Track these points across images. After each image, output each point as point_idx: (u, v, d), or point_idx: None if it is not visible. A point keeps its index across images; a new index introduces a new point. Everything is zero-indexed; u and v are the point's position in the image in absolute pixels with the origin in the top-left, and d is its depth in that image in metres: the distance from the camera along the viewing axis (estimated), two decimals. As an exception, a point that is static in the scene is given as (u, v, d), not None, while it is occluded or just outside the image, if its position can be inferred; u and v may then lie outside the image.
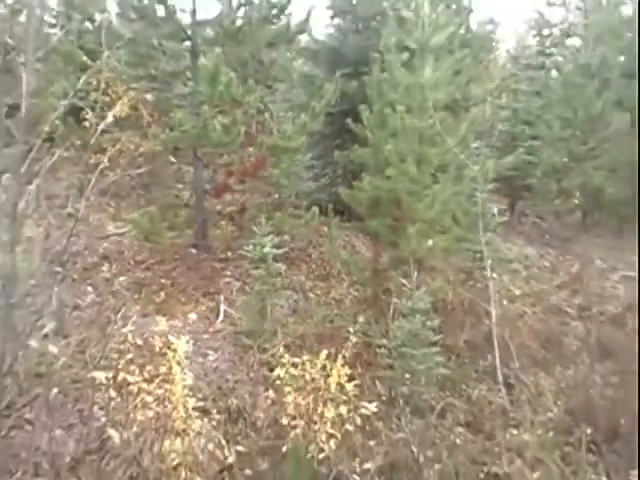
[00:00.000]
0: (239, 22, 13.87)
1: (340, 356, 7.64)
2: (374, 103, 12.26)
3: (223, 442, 6.97)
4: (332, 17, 18.25)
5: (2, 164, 5.54)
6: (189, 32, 13.61)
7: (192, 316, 9.53)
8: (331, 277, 13.72)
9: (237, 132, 12.45)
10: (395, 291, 11.07)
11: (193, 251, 13.78)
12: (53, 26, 19.12)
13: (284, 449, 7.79)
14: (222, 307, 11.77)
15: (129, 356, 6.42)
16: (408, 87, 11.86)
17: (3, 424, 5.83)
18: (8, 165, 5.60)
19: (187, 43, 13.93)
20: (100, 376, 5.92)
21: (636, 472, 8.86)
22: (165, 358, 6.62)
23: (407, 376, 9.94)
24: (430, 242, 11.16)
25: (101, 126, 6.52)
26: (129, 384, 6.36)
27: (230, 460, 7.10)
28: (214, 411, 8.05)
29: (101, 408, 7.09)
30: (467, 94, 13.95)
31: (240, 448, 7.13)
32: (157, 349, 6.69)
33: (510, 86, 21.47)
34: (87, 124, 13.63)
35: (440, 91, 12.04)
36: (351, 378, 7.71)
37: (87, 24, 18.78)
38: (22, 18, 6.82)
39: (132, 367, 6.39)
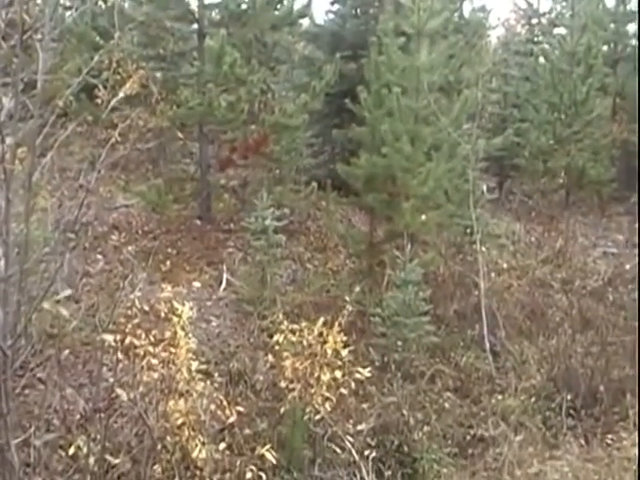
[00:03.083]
0: (244, 5, 13.82)
1: (336, 324, 7.62)
2: (371, 84, 12.21)
3: (224, 403, 6.95)
4: (332, 2, 18.16)
5: (18, 137, 5.48)
6: (196, 14, 13.56)
7: (196, 284, 9.54)
8: (328, 249, 13.70)
9: (241, 110, 12.45)
10: (389, 263, 11.06)
11: (198, 222, 13.78)
12: (68, 8, 19.01)
13: (282, 410, 7.81)
14: (225, 276, 11.77)
15: (136, 321, 6.40)
16: (404, 69, 11.83)
17: (17, 383, 5.80)
18: (24, 138, 5.54)
19: (194, 25, 13.90)
20: (109, 339, 5.91)
21: (611, 436, 8.93)
22: (170, 323, 6.62)
23: (399, 343, 9.96)
24: (423, 217, 11.14)
25: (112, 103, 6.46)
26: (136, 347, 6.35)
27: (231, 420, 7.08)
28: (216, 374, 8.05)
29: (109, 369, 7.09)
30: (460, 77, 13.85)
31: (240, 409, 7.10)
32: (163, 315, 6.68)
33: (500, 71, 21.32)
34: (99, 101, 13.60)
35: (435, 74, 12.02)
36: (346, 345, 7.70)
37: (100, 5, 18.63)
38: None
39: (139, 331, 6.38)
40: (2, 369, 5.41)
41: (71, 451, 6.26)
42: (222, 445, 6.86)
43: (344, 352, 7.63)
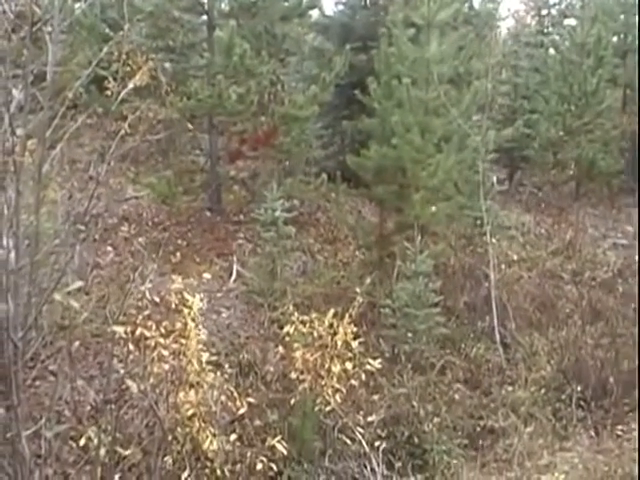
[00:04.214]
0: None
1: (347, 315, 7.59)
2: (381, 75, 12.15)
3: (235, 394, 6.94)
4: (343, -7, 18.14)
5: (28, 129, 5.46)
6: (206, 6, 13.53)
7: (206, 275, 9.51)
8: (338, 241, 13.68)
9: (250, 101, 12.42)
10: (399, 255, 11.00)
11: (208, 214, 13.77)
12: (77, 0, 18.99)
13: (292, 402, 7.80)
14: (235, 267, 11.76)
15: (147, 312, 6.39)
16: (414, 61, 11.77)
17: (28, 375, 5.80)
18: (34, 130, 5.53)
19: (204, 17, 13.88)
20: (120, 330, 5.88)
21: (621, 427, 8.91)
22: (181, 315, 6.60)
23: (409, 335, 9.95)
24: (433, 208, 11.10)
25: (122, 94, 6.43)
26: (146, 338, 6.33)
27: (241, 411, 7.07)
28: (226, 365, 8.03)
29: (120, 361, 7.07)
30: (470, 68, 13.80)
31: (251, 400, 7.09)
32: (173, 306, 6.66)
33: (510, 62, 21.27)
34: (109, 93, 13.59)
35: (445, 65, 11.96)
36: (356, 336, 7.68)
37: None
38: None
39: (149, 322, 6.37)
40: (13, 361, 5.40)
41: (82, 442, 6.26)
42: (233, 436, 6.86)
43: (354, 343, 7.60)
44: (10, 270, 5.27)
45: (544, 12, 24.39)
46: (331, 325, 7.54)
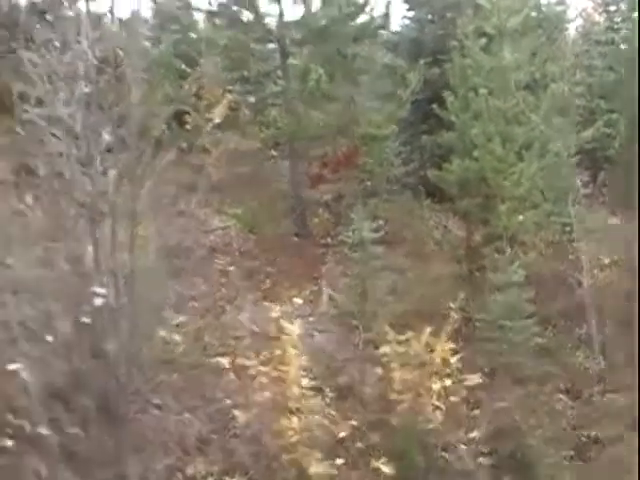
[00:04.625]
0: (323, 21, 13.87)
1: (443, 332, 7.56)
2: (457, 88, 12.19)
3: (336, 418, 6.96)
4: (409, 9, 18.19)
5: (119, 169, 5.58)
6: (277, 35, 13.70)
7: (297, 300, 9.56)
8: (426, 257, 13.61)
9: (329, 124, 12.50)
10: (489, 267, 10.93)
11: (294, 239, 13.85)
12: (149, 38, 19.36)
13: (393, 422, 7.78)
14: (325, 291, 11.80)
15: (245, 341, 6.47)
16: (490, 70, 11.77)
17: (131, 409, 5.89)
18: (124, 169, 5.64)
19: (271, 45, 14.06)
20: (223, 361, 5.97)
21: None
22: (278, 341, 6.65)
23: (505, 347, 9.86)
24: (521, 217, 11.03)
25: (208, 128, 6.54)
26: (246, 367, 6.41)
27: (342, 435, 7.08)
28: (325, 389, 8.05)
29: (221, 391, 7.15)
30: (545, 72, 13.72)
31: (353, 423, 7.10)
32: (270, 334, 6.72)
33: (583, 62, 21.04)
34: (189, 127, 13.80)
35: (520, 72, 11.92)
36: (454, 352, 7.65)
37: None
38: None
39: (248, 352, 6.44)
40: (117, 396, 5.50)
41: (189, 473, 6.34)
42: (339, 460, 6.86)
43: (452, 360, 7.57)
44: (111, 309, 5.38)
45: (612, 8, 24.00)
46: (428, 343, 7.52)
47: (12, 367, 5.28)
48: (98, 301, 5.21)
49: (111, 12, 5.75)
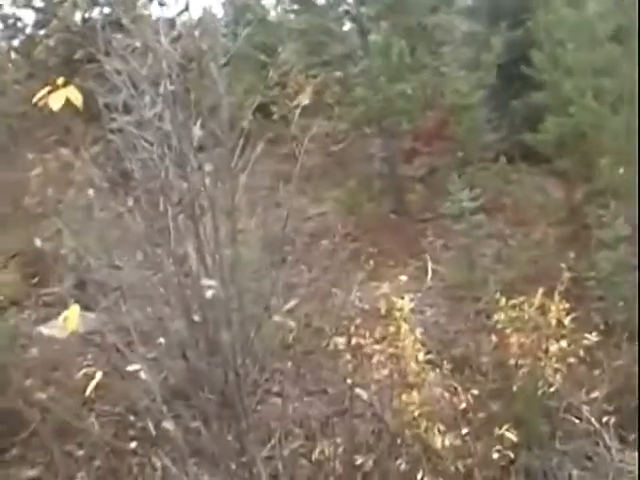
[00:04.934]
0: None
1: (554, 293, 7.42)
2: (543, 46, 11.91)
3: (456, 389, 6.90)
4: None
5: (214, 163, 5.60)
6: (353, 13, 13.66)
7: (402, 277, 9.49)
8: (527, 221, 13.41)
9: (416, 98, 12.42)
10: (593, 224, 10.70)
11: (393, 217, 13.82)
12: (224, 34, 19.50)
13: (513, 389, 7.66)
14: (429, 265, 11.73)
15: (357, 321, 6.47)
16: (575, 24, 11.46)
17: (252, 400, 5.93)
18: (219, 164, 5.66)
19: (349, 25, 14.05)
20: (340, 341, 5.98)
21: None
22: (390, 319, 6.62)
23: (620, 304, 9.64)
24: (621, 170, 10.74)
25: (295, 116, 6.52)
26: (362, 347, 6.41)
27: (463, 405, 7.01)
28: (441, 362, 7.98)
29: (339, 372, 7.16)
30: (632, 21, 13.35)
31: (472, 393, 7.02)
32: (381, 312, 6.70)
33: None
34: (275, 117, 13.90)
35: (606, 22, 11.59)
36: (568, 312, 7.49)
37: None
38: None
39: (362, 331, 6.44)
40: (237, 388, 5.54)
41: (314, 457, 6.37)
42: (465, 430, 6.79)
43: (566, 320, 7.42)
44: (221, 302, 5.41)
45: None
46: (542, 305, 7.39)
47: (131, 368, 5.37)
48: (209, 293, 5.24)
49: (187, 9, 5.78)
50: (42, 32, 15.32)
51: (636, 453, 7.35)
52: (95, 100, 5.39)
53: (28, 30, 16.03)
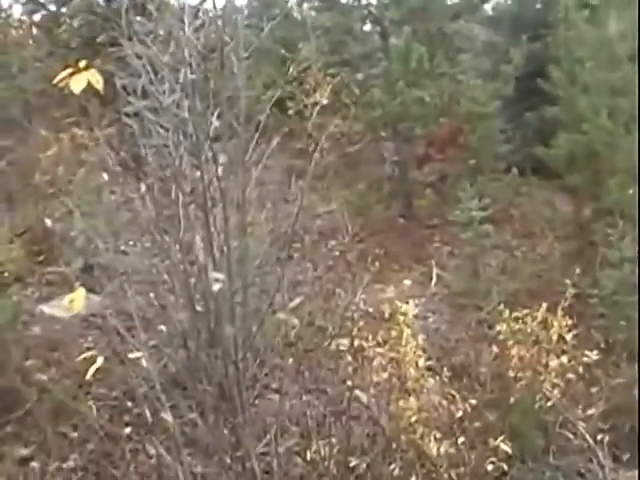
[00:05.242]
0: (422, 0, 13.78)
1: (558, 308, 7.38)
2: (562, 62, 11.88)
3: (454, 397, 6.85)
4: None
5: (229, 155, 5.55)
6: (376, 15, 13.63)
7: (407, 282, 9.48)
8: (534, 235, 13.37)
9: (433, 104, 12.40)
10: (600, 242, 10.66)
11: (401, 221, 13.80)
12: (248, 26, 19.44)
13: (510, 401, 7.62)
14: (434, 271, 11.67)
15: (361, 323, 6.44)
16: (596, 42, 11.42)
17: (250, 394, 5.88)
18: (233, 155, 5.61)
19: (370, 26, 14.03)
20: (344, 342, 5.95)
21: None
22: (393, 322, 6.58)
23: (621, 323, 9.60)
24: (630, 191, 10.71)
25: (315, 113, 6.47)
26: (363, 349, 6.38)
27: (460, 414, 6.97)
28: (440, 369, 7.94)
29: (339, 373, 7.13)
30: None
31: (470, 402, 6.98)
32: (385, 315, 6.66)
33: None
34: (290, 112, 13.83)
35: (627, 43, 11.54)
36: (570, 329, 7.45)
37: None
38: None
39: (364, 333, 6.41)
40: (236, 382, 5.49)
41: (309, 456, 6.33)
42: (460, 439, 6.75)
43: (568, 336, 7.38)
44: (225, 294, 5.36)
45: None
46: (544, 319, 7.35)
47: (133, 356, 5.32)
48: (216, 286, 5.19)
49: (209, -1, 5.72)
50: (64, 9, 15.29)
51: (629, 473, 7.32)
52: (113, 83, 5.35)
53: (51, 6, 16.01)
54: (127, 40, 5.33)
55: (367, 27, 14.84)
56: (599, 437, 7.39)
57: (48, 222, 9.98)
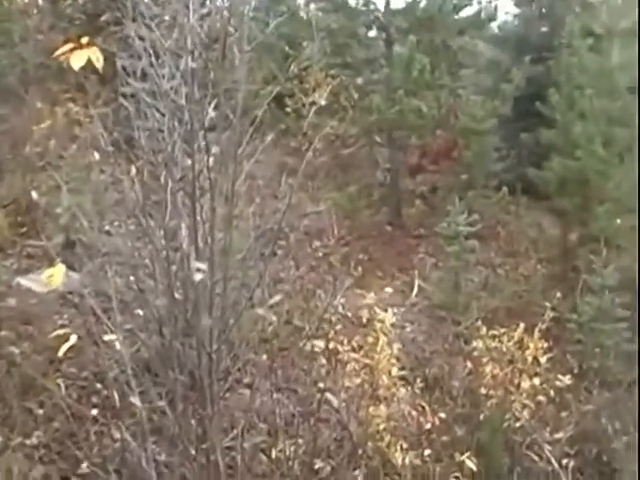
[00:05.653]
0: (430, 11, 13.75)
1: (536, 329, 7.37)
2: (562, 87, 11.90)
3: (424, 409, 6.83)
4: (516, 4, 17.94)
5: (222, 146, 5.50)
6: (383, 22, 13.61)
7: (388, 290, 9.46)
8: (518, 254, 13.39)
9: (430, 115, 12.39)
10: (583, 268, 10.67)
11: (388, 228, 13.78)
12: (254, 19, 19.36)
13: (480, 417, 7.59)
14: (417, 282, 11.64)
15: (337, 327, 6.41)
16: (597, 71, 11.45)
17: (220, 386, 5.83)
18: (226, 148, 5.56)
19: (375, 32, 14.02)
20: (320, 344, 5.93)
21: None
22: (370, 329, 6.57)
23: (596, 350, 9.61)
24: (618, 221, 10.73)
25: (312, 112, 6.43)
26: (338, 353, 6.36)
27: (428, 426, 6.95)
28: (412, 380, 7.92)
29: (311, 374, 7.09)
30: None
31: (441, 415, 6.97)
32: (363, 320, 6.64)
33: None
34: (288, 110, 13.80)
35: (627, 73, 11.57)
36: (545, 351, 7.44)
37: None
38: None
39: (340, 337, 6.38)
40: (208, 373, 5.44)
41: (274, 455, 6.29)
42: (426, 451, 6.72)
43: (543, 359, 7.37)
44: (206, 285, 5.32)
45: None
46: (520, 340, 7.34)
47: (107, 338, 5.27)
48: (197, 276, 5.14)
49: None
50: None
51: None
52: (113, 62, 5.30)
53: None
54: (131, 21, 5.27)
55: (372, 33, 14.82)
56: (564, 461, 7.38)
57: (34, 195, 9.86)
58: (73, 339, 4.93)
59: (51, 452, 6.51)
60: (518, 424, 7.37)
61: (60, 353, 4.91)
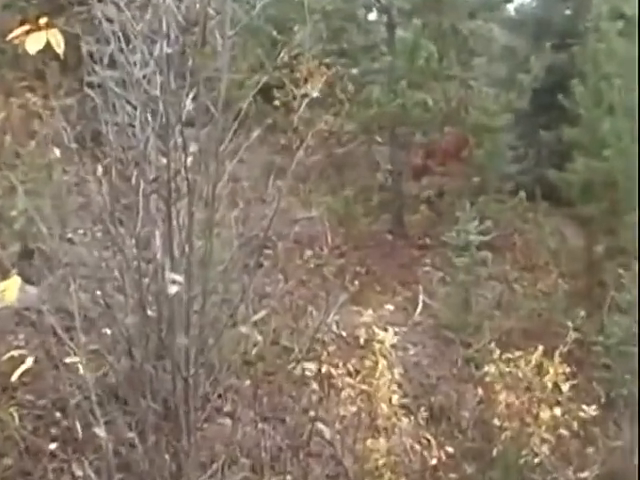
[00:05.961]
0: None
1: (557, 353, 7.37)
2: (587, 77, 11.91)
3: (429, 442, 6.83)
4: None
5: (201, 144, 5.51)
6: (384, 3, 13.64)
7: (389, 307, 9.46)
8: (537, 268, 13.39)
9: (437, 110, 12.40)
10: (611, 284, 10.68)
11: (389, 237, 13.79)
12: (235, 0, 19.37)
13: (493, 452, 7.60)
14: (421, 298, 11.66)
15: (331, 348, 6.42)
16: (628, 59, 11.45)
17: (197, 416, 5.84)
18: (205, 145, 5.57)
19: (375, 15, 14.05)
20: (311, 367, 5.93)
21: None
22: (368, 351, 6.58)
23: (626, 377, 9.62)
24: (650, 230, 10.76)
25: (303, 106, 6.45)
26: (331, 377, 6.37)
27: (433, 462, 6.95)
28: (416, 409, 7.93)
29: (301, 402, 7.11)
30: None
31: (446, 450, 6.96)
32: (360, 341, 6.65)
33: None
34: (277, 103, 13.81)
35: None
36: (566, 378, 7.45)
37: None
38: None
39: (334, 360, 6.39)
40: (184, 400, 5.45)
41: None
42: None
43: (565, 386, 7.37)
44: (182, 300, 5.33)
45: None
46: (539, 365, 7.34)
47: (69, 360, 5.27)
48: (172, 289, 5.14)
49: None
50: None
51: None
52: (78, 47, 5.31)
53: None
54: (97, 0, 5.30)
55: (372, 16, 14.87)
56: (589, 506, 7.42)
57: (-15, 197, 9.87)
58: (29, 362, 4.92)
59: (0, 494, 6.50)
60: (536, 461, 7.37)
61: (14, 378, 4.91)
